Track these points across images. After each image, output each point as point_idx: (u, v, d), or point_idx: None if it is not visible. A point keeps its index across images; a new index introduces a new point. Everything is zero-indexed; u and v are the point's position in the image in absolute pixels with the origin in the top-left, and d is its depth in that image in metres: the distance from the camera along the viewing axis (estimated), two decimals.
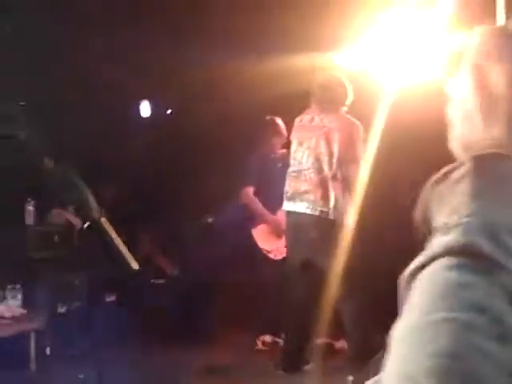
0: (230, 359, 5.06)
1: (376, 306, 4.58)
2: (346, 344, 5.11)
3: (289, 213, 4.68)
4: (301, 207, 4.53)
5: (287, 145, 5.45)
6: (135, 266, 1.15)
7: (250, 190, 5.58)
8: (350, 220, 4.46)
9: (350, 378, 4.12)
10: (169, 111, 7.04)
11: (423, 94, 5.11)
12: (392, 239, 5.50)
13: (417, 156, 5.36)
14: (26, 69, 4.42)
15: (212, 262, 6.53)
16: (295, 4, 4.99)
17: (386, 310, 4.46)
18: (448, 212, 0.68)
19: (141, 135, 6.19)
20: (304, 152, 4.61)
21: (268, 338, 5.51)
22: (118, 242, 1.14)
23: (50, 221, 5.46)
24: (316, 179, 4.51)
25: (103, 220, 1.17)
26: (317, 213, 4.45)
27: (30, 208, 4.91)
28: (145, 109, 6.71)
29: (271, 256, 5.58)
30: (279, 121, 5.63)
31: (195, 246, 6.79)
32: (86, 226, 1.28)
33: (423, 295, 0.61)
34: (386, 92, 4.71)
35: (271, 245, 5.56)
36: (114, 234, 1.15)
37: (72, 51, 5.08)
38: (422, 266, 0.63)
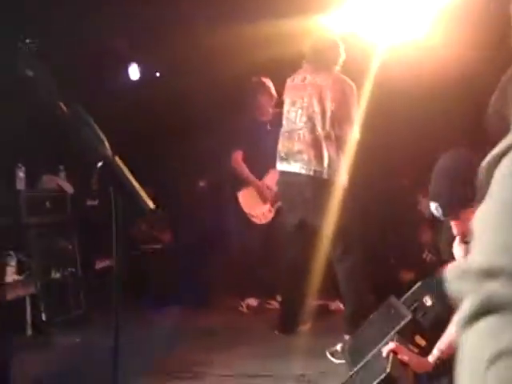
0: (222, 322, 5.13)
1: (369, 266, 4.64)
2: (340, 305, 5.20)
3: (283, 173, 4.66)
4: (295, 167, 4.51)
5: (279, 106, 5.44)
6: (151, 204, 1.14)
7: (239, 153, 5.57)
8: (343, 179, 4.47)
9: (346, 337, 4.19)
10: (157, 74, 6.95)
11: (411, 52, 5.11)
12: (384, 198, 5.55)
13: (406, 112, 5.38)
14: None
15: (202, 227, 6.56)
16: None
17: (379, 270, 4.53)
18: None
19: (130, 98, 6.12)
20: (297, 111, 4.57)
21: (253, 302, 5.58)
22: (133, 180, 1.14)
23: (41, 186, 5.42)
24: (309, 139, 4.47)
25: (116, 158, 1.16)
26: (311, 172, 4.44)
27: (21, 173, 4.87)
28: (134, 72, 6.63)
29: (255, 220, 5.59)
30: (267, 81, 5.56)
31: (186, 210, 6.80)
32: (99, 165, 1.25)
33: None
34: (374, 52, 4.70)
35: (255, 209, 5.57)
36: (128, 173, 1.14)
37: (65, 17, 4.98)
38: (501, 155, 0.62)
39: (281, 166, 4.65)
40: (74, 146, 1.22)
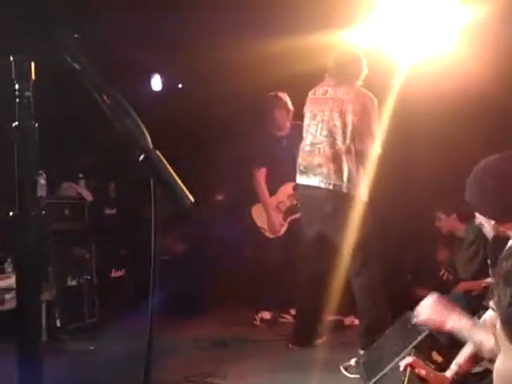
0: (236, 334, 5.11)
1: (387, 282, 4.61)
2: (354, 320, 5.17)
3: (302, 186, 4.63)
4: (314, 181, 4.49)
5: (297, 118, 5.47)
6: (192, 198, 1.15)
7: (262, 171, 5.59)
8: (363, 193, 4.46)
9: (361, 352, 4.15)
10: (180, 85, 7.01)
11: (435, 69, 5.11)
12: (403, 213, 5.53)
13: (427, 128, 5.37)
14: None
15: (218, 240, 6.58)
16: None
17: (395, 286, 4.48)
18: None
19: (151, 109, 6.16)
20: (317, 125, 4.55)
21: (267, 315, 5.57)
22: (174, 174, 1.14)
23: (60, 194, 5.47)
24: (329, 152, 4.46)
25: (157, 152, 1.17)
26: (330, 186, 4.42)
27: (42, 180, 4.91)
28: (156, 83, 6.70)
29: (267, 234, 5.61)
30: (283, 95, 5.58)
31: (203, 223, 6.82)
32: (141, 158, 1.25)
33: None
34: (397, 67, 4.71)
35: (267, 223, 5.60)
36: (168, 166, 1.15)
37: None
38: None
39: (300, 179, 4.64)
40: (116, 137, 1.23)
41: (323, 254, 4.52)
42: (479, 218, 2.50)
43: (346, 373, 3.98)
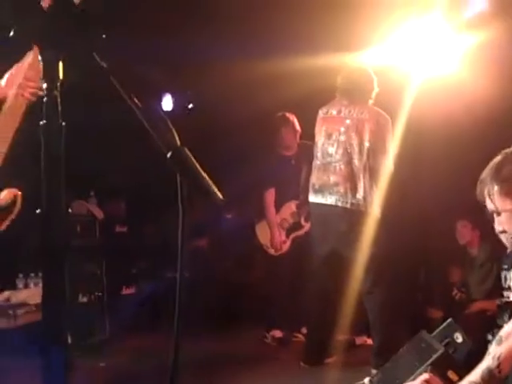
0: (247, 352, 5.09)
1: (400, 300, 4.58)
2: (367, 340, 5.13)
3: (317, 205, 4.60)
4: (330, 200, 4.47)
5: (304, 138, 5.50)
6: (221, 195, 1.14)
7: (271, 193, 5.60)
8: (377, 211, 4.44)
9: (373, 371, 4.10)
10: (190, 105, 7.06)
11: (442, 89, 5.15)
12: (413, 231, 5.51)
13: (435, 147, 5.39)
14: None
15: (227, 259, 6.57)
16: (319, 4, 4.99)
17: (407, 305, 4.44)
18: None
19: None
20: (333, 144, 4.55)
21: (278, 333, 5.52)
22: (202, 171, 1.14)
23: (71, 211, 5.48)
24: (345, 171, 4.45)
25: (186, 149, 1.17)
26: (348, 205, 4.40)
27: None
28: (167, 102, 6.75)
29: (270, 252, 5.60)
30: (291, 116, 5.59)
31: (211, 241, 6.83)
32: (169, 155, 1.25)
33: None
34: (407, 87, 4.74)
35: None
36: (196, 163, 1.14)
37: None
38: None
39: (315, 198, 4.61)
40: (148, 136, 1.24)
41: (334, 273, 4.49)
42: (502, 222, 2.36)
43: None
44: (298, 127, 5.58)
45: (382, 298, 4.37)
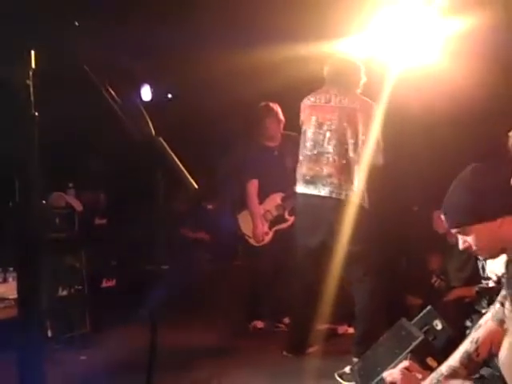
0: (230, 342, 5.09)
1: (386, 288, 4.60)
2: (348, 329, 5.16)
3: (307, 196, 4.52)
4: (324, 191, 4.42)
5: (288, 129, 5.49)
6: (195, 185, 1.13)
7: (254, 183, 5.57)
8: (367, 201, 4.44)
9: (355, 359, 4.13)
10: (169, 95, 7.01)
11: (423, 78, 5.16)
12: (393, 220, 5.54)
13: (417, 136, 5.42)
14: None
15: (209, 249, 6.55)
16: None
17: (387, 293, 4.45)
18: None
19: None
20: (324, 134, 4.47)
21: (260, 324, 5.55)
22: (177, 160, 1.12)
23: (50, 203, 5.42)
24: (339, 162, 4.41)
25: (161, 139, 1.15)
26: (342, 196, 4.37)
27: None
28: (146, 92, 6.70)
29: (251, 242, 5.60)
30: (275, 106, 5.56)
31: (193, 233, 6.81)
32: (145, 144, 1.23)
33: None
34: (388, 77, 4.73)
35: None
36: (171, 153, 1.13)
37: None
38: None
39: (305, 189, 4.53)
40: (120, 125, 1.22)
41: (319, 263, 4.47)
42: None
43: (340, 380, 3.96)
44: (281, 117, 5.55)
45: (372, 286, 4.38)
